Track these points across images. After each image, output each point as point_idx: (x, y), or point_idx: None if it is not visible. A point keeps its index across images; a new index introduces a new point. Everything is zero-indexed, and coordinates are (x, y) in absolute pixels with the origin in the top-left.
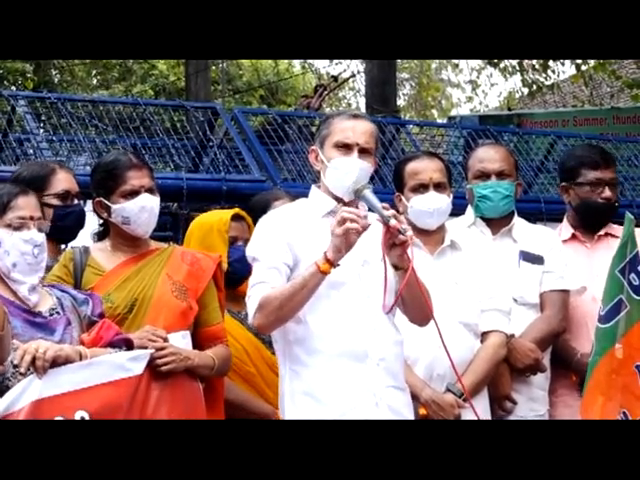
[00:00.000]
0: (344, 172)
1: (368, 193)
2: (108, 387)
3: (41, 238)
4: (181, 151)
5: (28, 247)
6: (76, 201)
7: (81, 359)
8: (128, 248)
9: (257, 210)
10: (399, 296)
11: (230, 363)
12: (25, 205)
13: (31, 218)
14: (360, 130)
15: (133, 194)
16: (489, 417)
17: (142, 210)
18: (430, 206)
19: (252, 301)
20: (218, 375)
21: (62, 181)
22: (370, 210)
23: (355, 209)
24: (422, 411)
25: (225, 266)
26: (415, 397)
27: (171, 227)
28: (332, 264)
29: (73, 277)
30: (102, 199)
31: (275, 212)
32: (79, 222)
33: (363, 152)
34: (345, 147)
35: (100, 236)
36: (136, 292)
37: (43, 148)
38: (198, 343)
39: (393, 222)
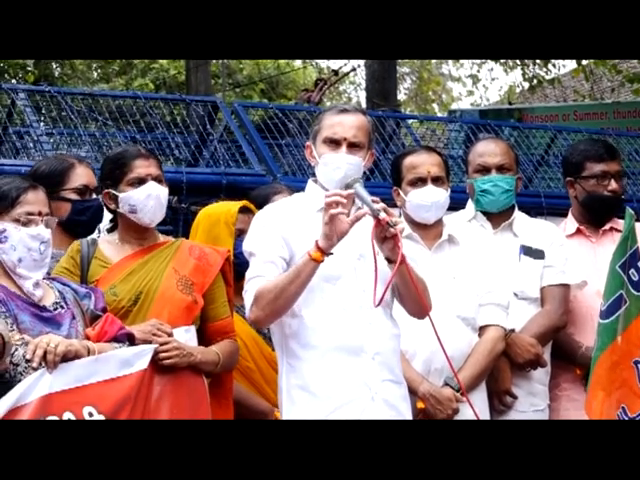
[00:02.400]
0: (333, 168)
1: (358, 187)
2: (115, 382)
3: (48, 234)
4: (181, 145)
5: (35, 243)
6: (94, 196)
7: (89, 354)
8: (135, 240)
9: (257, 204)
10: (387, 288)
11: (237, 358)
12: (34, 200)
13: (39, 214)
14: (348, 124)
15: (140, 182)
16: (487, 411)
17: (148, 198)
18: (428, 200)
19: (248, 295)
20: (224, 370)
21: (81, 176)
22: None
23: (338, 191)
24: (420, 405)
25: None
26: (413, 391)
27: (171, 221)
28: (324, 252)
29: (80, 269)
30: (110, 190)
31: (271, 206)
32: (97, 217)
33: (352, 146)
34: (333, 143)
35: (110, 232)
36: (141, 285)
37: (43, 141)
38: (206, 337)
39: (382, 215)
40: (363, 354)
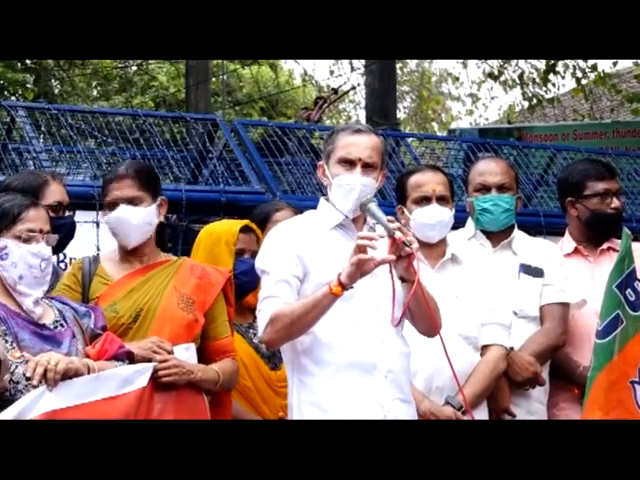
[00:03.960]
0: (347, 189)
1: (373, 206)
2: (115, 400)
3: (49, 252)
4: (180, 163)
5: (36, 260)
6: (67, 213)
7: (89, 372)
8: (135, 258)
9: (258, 221)
10: (406, 309)
11: (237, 377)
12: (35, 218)
13: (40, 231)
14: (363, 145)
15: (114, 205)
16: None
17: (118, 222)
18: (432, 219)
19: (263, 315)
20: (223, 389)
21: (55, 192)
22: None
23: (371, 234)
24: None
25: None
26: None
27: (170, 239)
28: (344, 287)
29: (81, 286)
30: (104, 210)
31: (284, 224)
32: (70, 233)
33: (367, 167)
34: (348, 163)
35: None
36: (142, 303)
37: (42, 159)
38: (206, 356)
39: (398, 235)
40: (376, 372)
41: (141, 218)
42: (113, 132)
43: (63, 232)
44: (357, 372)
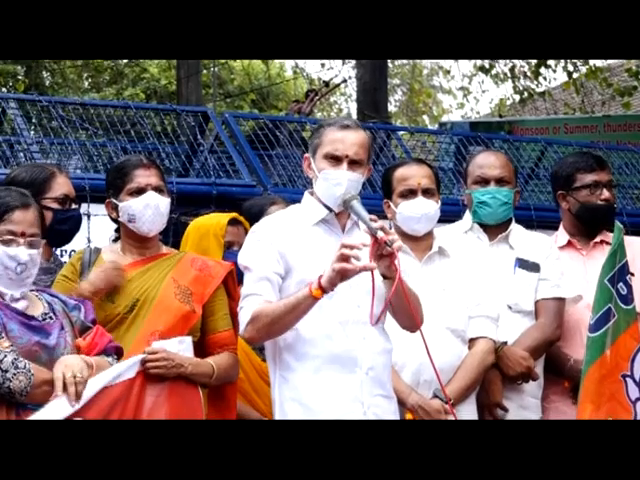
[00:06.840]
0: (333, 184)
1: (356, 204)
2: (103, 393)
3: (26, 256)
4: (171, 155)
5: (12, 263)
6: (74, 205)
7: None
8: (137, 250)
9: (252, 214)
10: (385, 307)
11: (236, 370)
12: (19, 220)
13: (22, 234)
14: (350, 141)
15: (139, 192)
16: None
17: (146, 207)
18: (418, 212)
19: (244, 313)
20: (220, 382)
21: (62, 185)
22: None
23: (356, 243)
24: (408, 416)
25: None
26: (402, 402)
27: (161, 231)
28: (325, 291)
29: (79, 276)
30: (112, 199)
31: (266, 220)
32: (76, 226)
33: (353, 163)
34: (334, 159)
35: (115, 241)
36: (138, 293)
37: (33, 151)
38: (206, 349)
39: (380, 234)
40: (357, 369)
41: (166, 207)
42: (104, 124)
43: (70, 225)
44: (338, 368)
